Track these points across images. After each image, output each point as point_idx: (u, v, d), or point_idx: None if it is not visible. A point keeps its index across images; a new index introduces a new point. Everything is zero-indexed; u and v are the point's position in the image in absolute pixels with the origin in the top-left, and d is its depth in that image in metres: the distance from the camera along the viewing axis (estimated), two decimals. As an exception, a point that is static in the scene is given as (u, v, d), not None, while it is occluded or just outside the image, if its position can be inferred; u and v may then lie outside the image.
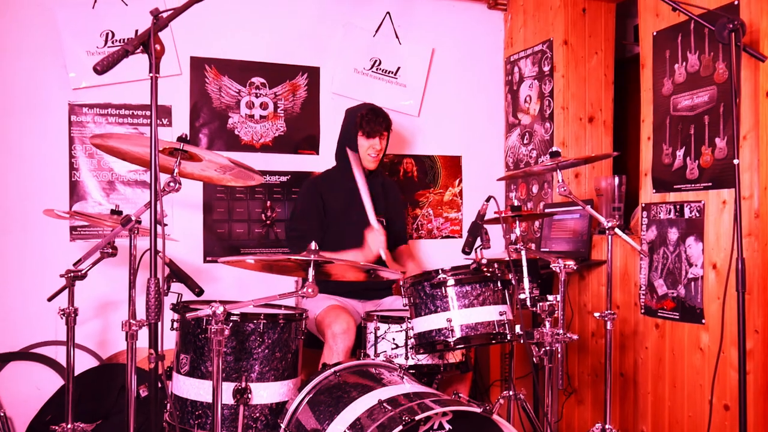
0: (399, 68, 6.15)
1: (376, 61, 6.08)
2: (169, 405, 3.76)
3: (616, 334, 5.00)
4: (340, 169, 5.10)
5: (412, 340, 3.94)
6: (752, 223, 4.03)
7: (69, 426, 3.95)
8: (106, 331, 5.30)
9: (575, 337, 3.69)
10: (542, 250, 5.66)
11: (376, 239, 4.74)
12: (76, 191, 5.26)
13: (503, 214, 3.95)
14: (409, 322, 3.99)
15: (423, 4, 6.29)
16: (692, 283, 4.39)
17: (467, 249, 4.04)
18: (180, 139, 3.40)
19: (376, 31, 6.07)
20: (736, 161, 3.57)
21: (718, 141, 4.22)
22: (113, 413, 4.74)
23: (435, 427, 3.08)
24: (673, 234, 4.52)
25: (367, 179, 5.02)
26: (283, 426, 3.52)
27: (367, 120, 4.95)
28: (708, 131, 4.29)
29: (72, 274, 3.87)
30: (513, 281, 3.81)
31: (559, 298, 3.71)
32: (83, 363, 5.10)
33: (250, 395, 3.60)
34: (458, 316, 3.73)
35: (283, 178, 5.79)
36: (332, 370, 3.66)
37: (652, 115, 4.73)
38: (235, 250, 5.69)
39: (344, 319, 4.37)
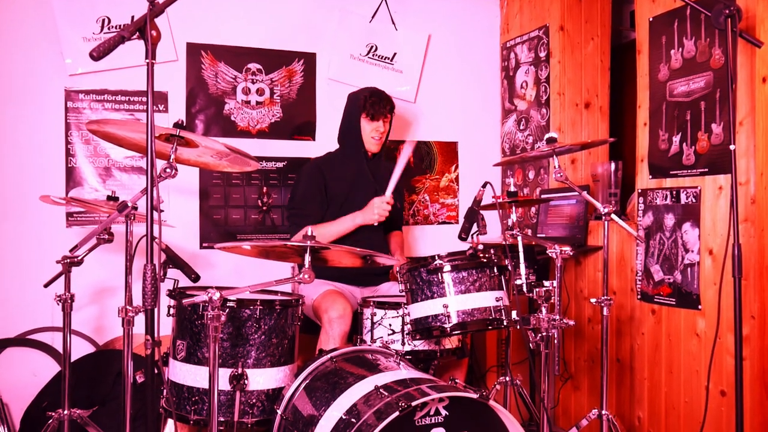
0: (395, 54, 6.15)
1: (372, 47, 6.07)
2: (165, 391, 3.76)
3: (612, 319, 5.01)
4: (344, 153, 5.10)
5: (409, 326, 3.95)
6: (748, 209, 4.04)
7: (65, 412, 3.95)
8: (103, 317, 5.30)
9: (571, 322, 3.70)
10: (538, 235, 5.66)
11: (380, 205, 4.73)
12: (72, 177, 5.26)
13: (499, 200, 3.96)
14: (406, 308, 4.00)
15: (419, -11, 6.29)
16: (688, 268, 4.39)
17: (464, 235, 4.04)
18: (176, 125, 3.40)
19: (372, 17, 6.06)
20: (732, 147, 3.58)
21: (714, 127, 4.22)
22: (110, 399, 4.75)
23: (431, 412, 3.08)
24: (669, 220, 4.53)
25: (371, 162, 5.03)
26: (279, 412, 3.53)
27: (371, 102, 4.95)
28: (704, 117, 4.29)
29: (68, 260, 3.86)
30: (509, 267, 3.82)
31: (555, 283, 3.72)
32: (80, 349, 5.11)
33: (246, 381, 3.60)
34: (455, 302, 3.74)
35: (280, 164, 5.79)
36: (329, 356, 3.67)
37: (649, 100, 4.73)
38: (232, 236, 5.68)
39: (340, 304, 4.37)
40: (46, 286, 4.06)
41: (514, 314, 3.76)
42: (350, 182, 4.98)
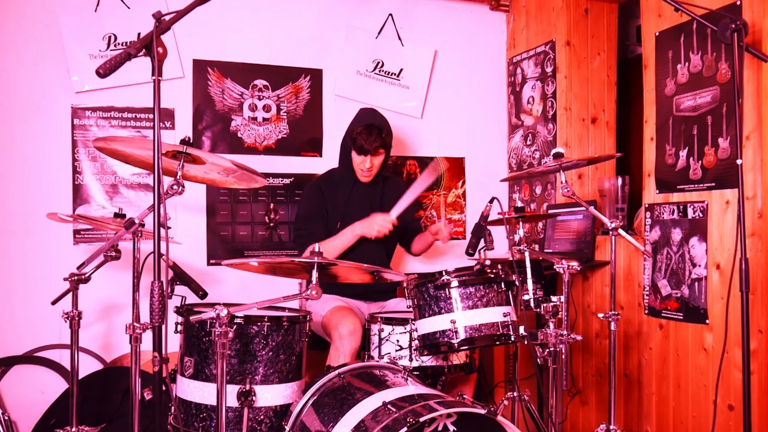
0: (401, 70, 6.15)
1: (378, 62, 6.09)
2: (173, 408, 3.76)
3: (620, 334, 5.00)
4: (342, 172, 5.08)
5: (417, 341, 3.94)
6: (756, 223, 4.03)
7: (73, 429, 3.95)
8: (110, 334, 5.30)
9: (579, 338, 3.70)
10: (546, 251, 5.66)
11: (382, 223, 4.72)
12: (79, 194, 5.27)
13: (506, 216, 3.95)
14: (413, 324, 3.99)
15: (425, 5, 6.30)
16: (696, 283, 4.39)
17: (471, 250, 4.03)
18: (183, 141, 3.40)
19: (379, 33, 6.08)
20: (739, 161, 3.57)
21: (721, 141, 4.22)
22: (117, 416, 4.74)
23: (439, 428, 3.08)
24: (676, 234, 4.52)
25: (366, 186, 5.00)
26: (287, 428, 3.52)
27: (362, 137, 4.84)
28: (711, 131, 4.29)
29: (76, 278, 3.86)
30: (517, 282, 3.81)
31: (562, 299, 3.71)
32: (87, 366, 5.11)
33: (254, 398, 3.60)
34: (462, 318, 3.73)
35: (287, 181, 5.80)
36: (336, 372, 3.66)
37: (655, 115, 4.73)
38: (239, 253, 5.69)
39: (351, 320, 4.37)
40: (53, 303, 4.06)
41: (521, 329, 3.75)
42: (345, 204, 4.97)
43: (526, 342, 3.73)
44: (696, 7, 3.88)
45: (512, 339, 3.76)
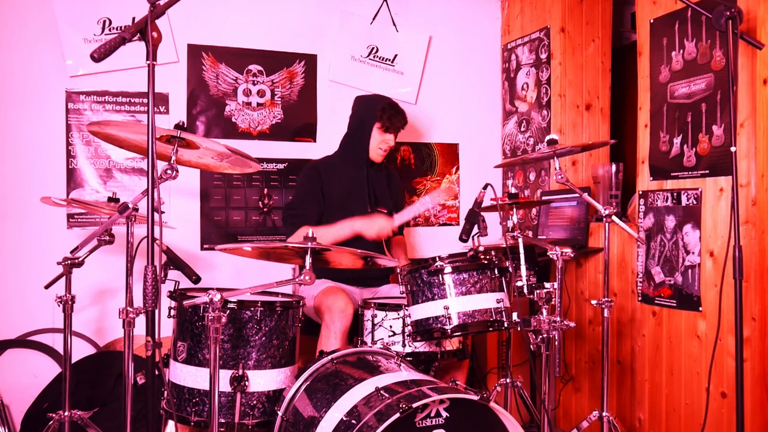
0: (396, 56, 6.14)
1: (373, 48, 6.07)
2: (166, 392, 3.76)
3: (613, 321, 5.01)
4: (344, 157, 5.08)
5: (410, 327, 3.94)
6: (749, 211, 4.03)
7: (66, 413, 3.95)
8: (104, 318, 5.30)
9: (572, 324, 3.70)
10: (539, 237, 5.66)
11: (384, 226, 4.72)
12: (73, 179, 5.26)
13: (500, 202, 3.95)
14: (406, 310, 3.99)
15: (420, -9, 6.29)
16: (689, 270, 4.39)
17: (464, 236, 4.03)
18: (177, 126, 3.39)
19: (373, 19, 6.06)
20: (733, 149, 3.58)
21: (715, 128, 4.22)
22: (110, 401, 4.74)
23: (432, 414, 3.08)
24: (670, 221, 4.53)
25: (371, 170, 5.02)
26: (280, 413, 3.52)
27: (389, 115, 4.92)
28: (705, 119, 4.29)
29: (69, 262, 3.86)
30: (510, 269, 3.81)
31: (556, 285, 3.71)
32: (80, 350, 5.10)
33: (247, 383, 3.60)
34: (455, 304, 3.73)
35: (281, 166, 5.79)
36: (329, 357, 3.66)
37: (649, 102, 4.73)
38: (233, 238, 5.68)
39: (342, 298, 4.36)
40: (47, 287, 4.06)
41: (514, 316, 3.76)
42: (347, 188, 4.96)
43: (519, 328, 3.73)
44: (691, -6, 3.88)
45: (505, 325, 3.76)
